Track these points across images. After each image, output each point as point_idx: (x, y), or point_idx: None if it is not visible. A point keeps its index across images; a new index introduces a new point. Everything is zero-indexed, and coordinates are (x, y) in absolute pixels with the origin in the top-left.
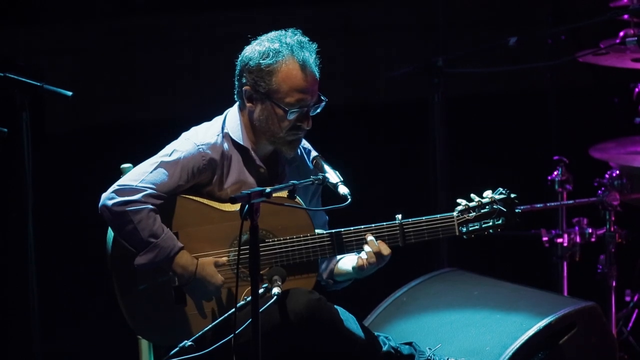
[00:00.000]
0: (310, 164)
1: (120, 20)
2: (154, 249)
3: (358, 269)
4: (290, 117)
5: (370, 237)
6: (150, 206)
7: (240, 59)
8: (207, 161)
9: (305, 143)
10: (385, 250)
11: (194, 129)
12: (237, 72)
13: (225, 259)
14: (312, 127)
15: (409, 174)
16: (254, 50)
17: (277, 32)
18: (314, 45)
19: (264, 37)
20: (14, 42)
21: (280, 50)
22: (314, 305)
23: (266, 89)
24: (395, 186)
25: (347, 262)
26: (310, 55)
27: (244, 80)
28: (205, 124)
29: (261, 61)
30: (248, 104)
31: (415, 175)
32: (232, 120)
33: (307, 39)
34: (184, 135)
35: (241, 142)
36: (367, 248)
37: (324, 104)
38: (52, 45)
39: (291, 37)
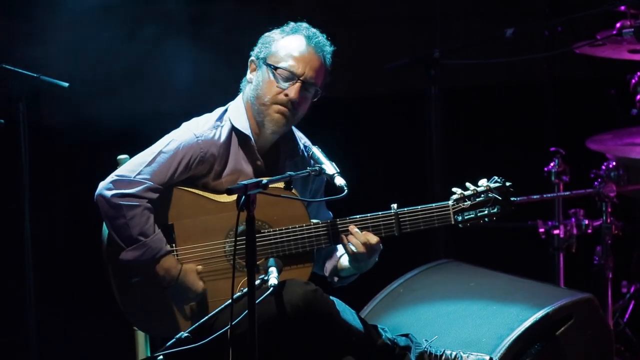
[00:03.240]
0: (310, 163)
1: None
2: (142, 247)
3: (353, 262)
4: (279, 83)
5: (355, 229)
6: (146, 203)
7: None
8: (205, 153)
9: (306, 141)
10: (373, 238)
11: (194, 119)
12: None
13: (200, 267)
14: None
15: (406, 165)
16: (276, 29)
17: (300, 23)
18: (332, 48)
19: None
20: (10, 33)
21: (297, 29)
22: (310, 297)
23: (266, 54)
24: (392, 178)
25: (346, 257)
26: (319, 43)
27: (253, 51)
28: (205, 115)
29: (274, 34)
30: (249, 76)
31: (411, 168)
32: (235, 109)
33: (329, 42)
34: (184, 125)
35: (244, 131)
36: (353, 240)
37: (318, 92)
38: (49, 36)
39: (313, 30)
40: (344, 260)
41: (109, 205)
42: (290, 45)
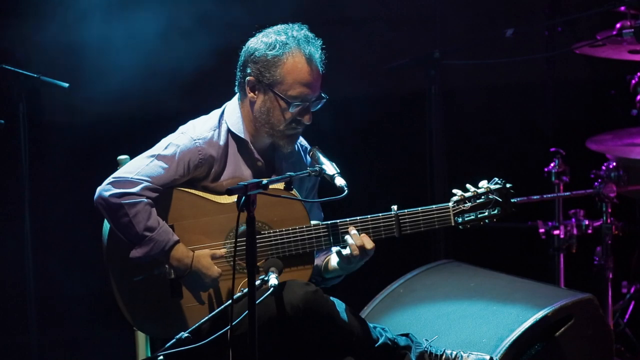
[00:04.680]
0: (306, 161)
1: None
2: (149, 242)
3: (343, 263)
4: (291, 110)
5: (353, 231)
6: (146, 199)
7: (244, 49)
8: (204, 156)
9: (302, 140)
10: (369, 243)
11: (191, 123)
12: (240, 62)
13: (223, 250)
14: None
15: (406, 165)
16: (260, 41)
17: (283, 25)
18: (320, 42)
19: (270, 30)
20: (11, 33)
21: (287, 42)
22: (310, 298)
23: (270, 80)
24: (392, 178)
25: (333, 258)
26: (316, 50)
27: (248, 71)
28: (202, 118)
29: (267, 52)
30: (250, 94)
31: (411, 167)
32: (231, 113)
33: (313, 34)
34: (181, 128)
35: (241, 135)
36: (350, 240)
37: (324, 101)
38: (49, 37)
39: (298, 30)
40: (333, 261)
41: (109, 206)
42: (294, 71)
